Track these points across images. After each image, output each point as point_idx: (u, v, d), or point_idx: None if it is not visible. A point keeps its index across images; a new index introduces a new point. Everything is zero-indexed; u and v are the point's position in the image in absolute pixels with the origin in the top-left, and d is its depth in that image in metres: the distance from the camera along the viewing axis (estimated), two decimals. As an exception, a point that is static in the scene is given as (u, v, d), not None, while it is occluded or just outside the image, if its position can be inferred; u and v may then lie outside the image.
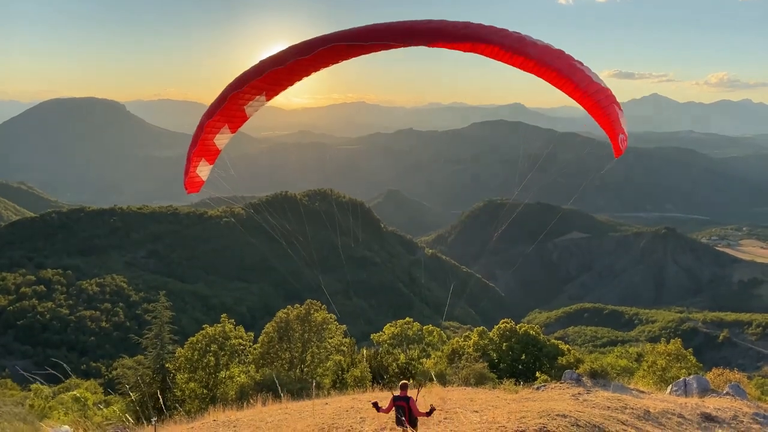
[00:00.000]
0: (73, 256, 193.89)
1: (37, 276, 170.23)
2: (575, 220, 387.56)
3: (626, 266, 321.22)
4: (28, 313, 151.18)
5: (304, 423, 14.26)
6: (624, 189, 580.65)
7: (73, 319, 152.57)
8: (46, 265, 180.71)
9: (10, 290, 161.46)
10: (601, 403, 16.49)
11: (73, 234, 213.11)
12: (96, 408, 30.88)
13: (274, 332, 36.60)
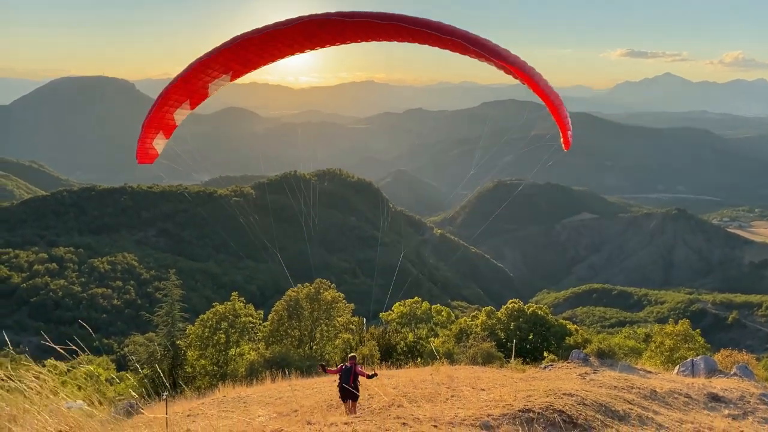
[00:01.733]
0: (84, 235, 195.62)
1: (50, 254, 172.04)
2: (585, 200, 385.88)
3: (636, 247, 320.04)
4: (41, 291, 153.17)
5: (313, 399, 14.44)
6: (635, 170, 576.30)
7: (85, 297, 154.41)
8: (58, 243, 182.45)
9: (23, 268, 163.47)
10: (608, 383, 16.57)
11: (84, 212, 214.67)
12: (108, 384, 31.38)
13: (283, 310, 36.92)
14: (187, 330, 33.58)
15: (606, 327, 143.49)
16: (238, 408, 14.85)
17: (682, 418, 14.26)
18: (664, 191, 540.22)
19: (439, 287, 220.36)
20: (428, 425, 10.71)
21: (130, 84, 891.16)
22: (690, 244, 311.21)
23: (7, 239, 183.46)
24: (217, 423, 12.32)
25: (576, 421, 12.57)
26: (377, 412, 12.50)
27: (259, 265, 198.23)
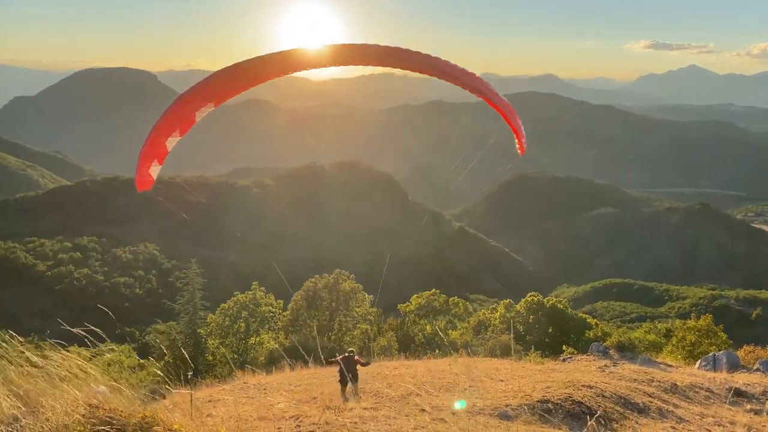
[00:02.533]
0: (107, 224, 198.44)
1: (74, 243, 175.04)
2: (607, 194, 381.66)
3: (658, 242, 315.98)
4: (65, 279, 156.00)
5: (332, 387, 14.55)
6: (658, 163, 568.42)
7: (108, 286, 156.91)
8: (82, 232, 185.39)
9: (48, 256, 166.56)
10: (628, 376, 16.47)
11: (107, 202, 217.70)
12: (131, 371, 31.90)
13: (302, 300, 37.21)
14: (207, 318, 34.01)
15: (626, 322, 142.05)
16: (258, 395, 15.04)
17: (703, 412, 14.14)
18: (687, 185, 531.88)
19: (458, 280, 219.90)
20: (447, 413, 10.77)
21: (152, 75, 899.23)
22: (713, 239, 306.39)
23: (33, 228, 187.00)
24: (238, 409, 12.50)
25: (595, 413, 12.53)
26: (396, 400, 12.58)
27: (278, 254, 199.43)
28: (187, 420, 4.70)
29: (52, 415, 4.32)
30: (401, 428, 9.22)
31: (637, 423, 12.57)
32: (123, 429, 4.21)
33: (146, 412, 4.46)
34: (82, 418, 4.25)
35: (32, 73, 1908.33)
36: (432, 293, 42.18)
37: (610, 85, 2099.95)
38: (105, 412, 4.31)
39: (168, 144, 9.35)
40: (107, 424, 4.22)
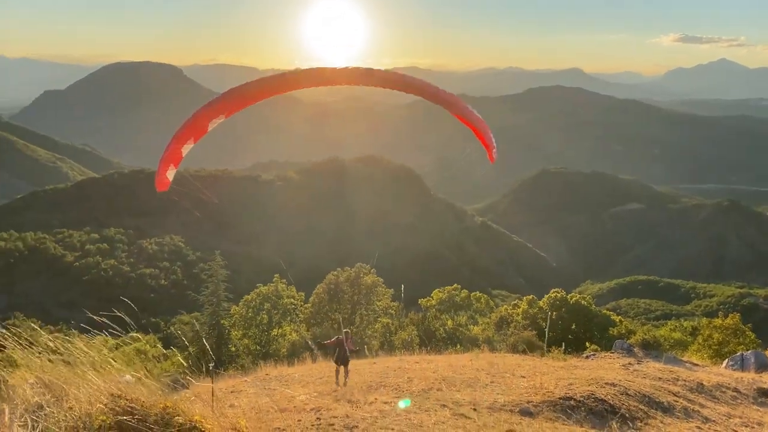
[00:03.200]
0: (133, 216, 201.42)
1: (101, 234, 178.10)
2: (633, 190, 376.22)
3: (684, 239, 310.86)
4: (93, 270, 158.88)
5: (353, 380, 14.59)
6: (686, 159, 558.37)
7: (134, 277, 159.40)
8: (109, 223, 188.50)
9: (76, 247, 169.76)
10: (652, 374, 16.23)
11: (134, 194, 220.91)
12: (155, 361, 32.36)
13: (324, 293, 37.38)
14: (231, 310, 34.36)
15: (651, 319, 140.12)
16: (280, 386, 15.14)
17: (730, 413, 13.88)
18: (716, 182, 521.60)
19: (480, 275, 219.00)
20: (468, 408, 10.71)
21: (178, 69, 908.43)
22: (742, 236, 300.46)
23: (62, 219, 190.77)
24: (260, 400, 12.60)
25: (618, 411, 12.37)
26: (417, 394, 12.56)
27: (301, 248, 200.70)
28: (208, 411, 4.72)
29: (75, 403, 4.38)
30: (422, 423, 9.20)
31: (662, 422, 12.38)
32: (144, 419, 4.25)
33: (167, 403, 4.49)
34: (105, 408, 4.30)
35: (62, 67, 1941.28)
36: (453, 288, 42.03)
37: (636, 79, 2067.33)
38: (127, 402, 4.36)
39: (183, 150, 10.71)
40: (129, 414, 4.26)
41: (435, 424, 9.14)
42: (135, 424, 4.23)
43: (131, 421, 4.23)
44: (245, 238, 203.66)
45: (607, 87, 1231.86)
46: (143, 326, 59.39)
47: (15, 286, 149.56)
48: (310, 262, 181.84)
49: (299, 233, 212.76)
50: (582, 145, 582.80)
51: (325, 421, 9.18)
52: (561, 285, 52.90)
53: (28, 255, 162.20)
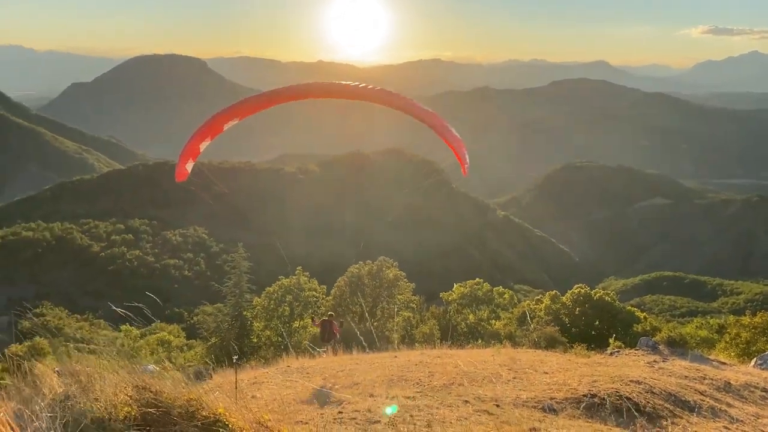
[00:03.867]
0: (158, 207, 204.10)
1: (126, 225, 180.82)
2: (659, 185, 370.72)
3: (712, 235, 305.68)
4: (118, 260, 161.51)
5: (374, 373, 14.59)
6: (714, 154, 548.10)
7: (158, 267, 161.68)
8: (133, 214, 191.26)
9: (102, 237, 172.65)
10: (678, 372, 15.96)
11: (158, 186, 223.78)
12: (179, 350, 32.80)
13: (346, 286, 37.46)
14: (253, 301, 34.64)
15: (676, 316, 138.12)
16: (301, 378, 15.21)
17: (759, 413, 13.59)
18: (745, 176, 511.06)
19: (502, 270, 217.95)
20: (490, 404, 10.64)
21: (202, 62, 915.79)
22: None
23: (88, 210, 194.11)
24: (282, 391, 12.66)
25: (643, 410, 12.19)
26: (438, 389, 12.51)
27: (322, 240, 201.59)
28: (231, 404, 4.74)
29: (101, 394, 4.43)
30: (444, 419, 9.15)
31: (688, 422, 12.17)
32: (169, 411, 4.27)
33: (192, 395, 4.51)
34: (130, 399, 4.34)
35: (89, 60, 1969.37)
36: (475, 282, 41.82)
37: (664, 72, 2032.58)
38: (151, 394, 4.38)
39: (201, 147, 12.24)
40: (153, 406, 4.29)
41: (458, 420, 9.08)
42: (160, 416, 4.25)
43: (156, 413, 4.26)
44: (268, 230, 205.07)
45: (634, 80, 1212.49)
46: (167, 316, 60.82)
47: (43, 276, 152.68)
48: (332, 254, 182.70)
49: (321, 226, 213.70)
50: (607, 139, 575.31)
51: (347, 415, 9.18)
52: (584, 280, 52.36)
53: (56, 245, 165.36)
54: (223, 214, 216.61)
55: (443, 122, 13.43)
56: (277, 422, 4.90)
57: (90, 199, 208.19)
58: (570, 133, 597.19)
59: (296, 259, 61.66)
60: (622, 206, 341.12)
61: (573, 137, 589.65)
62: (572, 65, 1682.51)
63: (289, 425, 4.98)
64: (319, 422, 8.22)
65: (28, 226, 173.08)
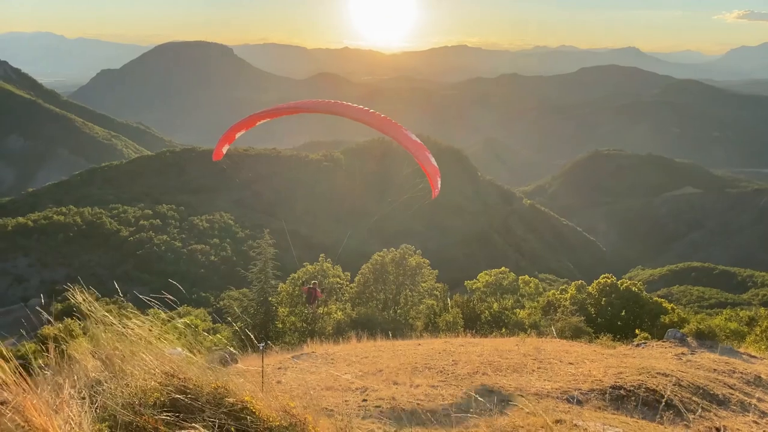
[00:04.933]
0: (185, 193, 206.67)
1: (154, 210, 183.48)
2: (689, 173, 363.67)
3: (743, 225, 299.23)
4: (146, 244, 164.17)
5: (398, 361, 14.63)
6: (748, 142, 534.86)
7: (185, 252, 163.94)
8: (161, 200, 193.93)
9: (131, 222, 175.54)
10: (707, 365, 15.72)
11: (185, 172, 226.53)
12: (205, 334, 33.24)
13: (369, 273, 37.57)
14: (278, 287, 34.94)
15: (704, 307, 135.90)
16: (325, 364, 15.33)
17: (790, 408, 13.33)
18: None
19: (527, 258, 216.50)
20: (514, 394, 10.60)
21: (228, 49, 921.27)
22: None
23: (117, 195, 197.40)
24: (306, 377, 12.79)
25: (671, 403, 12.04)
26: (462, 378, 12.50)
27: (347, 227, 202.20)
28: (257, 391, 4.78)
29: (131, 379, 4.51)
30: (468, 408, 9.15)
31: (716, 415, 12.00)
32: (197, 398, 4.33)
33: (219, 383, 4.56)
34: (159, 385, 4.41)
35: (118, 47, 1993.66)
36: (500, 271, 41.61)
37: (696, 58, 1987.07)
38: (180, 380, 4.45)
39: (236, 135, 14.37)
40: (182, 392, 4.35)
41: (482, 411, 9.07)
42: (188, 403, 4.31)
43: (185, 399, 4.32)
44: (292, 217, 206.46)
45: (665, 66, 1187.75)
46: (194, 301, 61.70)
47: (73, 259, 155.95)
48: (356, 242, 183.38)
49: (345, 213, 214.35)
50: (637, 126, 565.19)
51: (371, 403, 9.23)
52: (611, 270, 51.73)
53: (86, 229, 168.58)
54: (248, 201, 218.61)
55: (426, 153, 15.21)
56: (302, 409, 4.94)
57: (119, 184, 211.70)
58: (598, 121, 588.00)
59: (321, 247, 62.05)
60: (650, 195, 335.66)
61: (601, 125, 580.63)
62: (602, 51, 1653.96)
63: (314, 412, 5.01)
64: (343, 409, 8.29)
65: (60, 210, 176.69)
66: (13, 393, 4.25)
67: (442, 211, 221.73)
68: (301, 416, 4.72)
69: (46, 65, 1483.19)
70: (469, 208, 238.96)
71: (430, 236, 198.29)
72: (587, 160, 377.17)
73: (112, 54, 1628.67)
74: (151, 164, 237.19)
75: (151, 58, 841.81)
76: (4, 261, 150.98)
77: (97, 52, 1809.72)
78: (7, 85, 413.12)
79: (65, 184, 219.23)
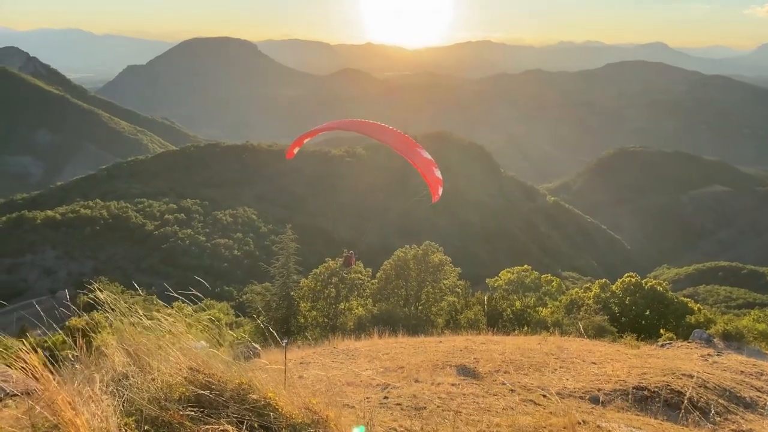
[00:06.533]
0: (209, 188, 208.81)
1: (178, 204, 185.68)
2: (717, 171, 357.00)
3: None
4: (171, 238, 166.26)
5: (419, 358, 14.63)
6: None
7: (209, 246, 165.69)
8: (185, 194, 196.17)
9: (156, 216, 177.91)
10: (734, 367, 15.45)
11: (209, 167, 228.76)
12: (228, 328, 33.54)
13: (391, 270, 37.58)
14: (300, 282, 35.17)
15: (732, 308, 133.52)
16: (346, 360, 15.39)
17: (820, 412, 13.04)
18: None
19: (550, 256, 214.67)
20: (536, 394, 10.53)
21: (252, 45, 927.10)
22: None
23: (142, 189, 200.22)
24: (328, 372, 12.85)
25: (696, 404, 11.86)
26: (483, 376, 12.46)
27: (369, 223, 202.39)
28: (280, 387, 4.82)
29: (157, 375, 4.57)
30: (490, 407, 9.11)
31: (743, 419, 11.78)
32: (221, 393, 4.39)
33: (243, 379, 4.61)
34: (184, 380, 4.47)
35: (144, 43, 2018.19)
36: (523, 269, 41.35)
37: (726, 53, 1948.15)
38: (204, 376, 4.50)
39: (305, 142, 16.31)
40: (206, 388, 4.41)
41: (504, 410, 9.03)
42: (213, 398, 4.37)
43: (209, 395, 4.37)
44: (316, 213, 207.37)
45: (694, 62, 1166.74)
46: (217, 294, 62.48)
47: (100, 252, 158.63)
48: (379, 237, 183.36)
49: (367, 209, 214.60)
50: (664, 123, 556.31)
51: (393, 400, 9.24)
52: (636, 269, 51.09)
53: (112, 223, 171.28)
54: (271, 196, 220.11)
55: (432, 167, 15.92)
56: (324, 405, 4.97)
57: (144, 178, 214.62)
58: (624, 117, 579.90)
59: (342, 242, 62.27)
60: (677, 193, 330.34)
61: (628, 121, 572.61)
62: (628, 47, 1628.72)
63: (335, 409, 5.04)
64: (365, 406, 8.31)
65: (87, 204, 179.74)
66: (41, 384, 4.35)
67: (465, 207, 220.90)
68: (323, 413, 4.75)
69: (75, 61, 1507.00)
70: (491, 204, 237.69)
71: (452, 232, 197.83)
72: (613, 156, 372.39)
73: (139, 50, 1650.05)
74: (176, 159, 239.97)
75: (176, 54, 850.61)
76: (33, 253, 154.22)
77: (124, 48, 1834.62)
78: (37, 81, 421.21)
79: (92, 178, 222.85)
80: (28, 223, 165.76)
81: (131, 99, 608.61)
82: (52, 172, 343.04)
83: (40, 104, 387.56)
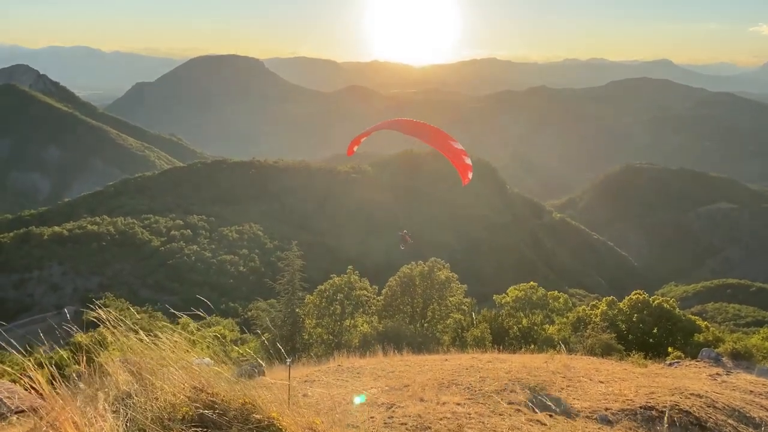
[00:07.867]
0: (216, 204, 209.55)
1: (185, 221, 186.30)
2: (723, 188, 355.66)
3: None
4: (177, 254, 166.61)
5: (425, 376, 14.52)
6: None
7: (215, 262, 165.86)
8: (192, 210, 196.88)
9: (162, 232, 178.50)
10: (743, 387, 15.28)
11: (216, 183, 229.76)
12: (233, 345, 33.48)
13: (397, 286, 37.47)
14: (305, 299, 35.09)
15: (740, 326, 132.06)
16: (351, 378, 15.30)
17: (831, 433, 12.85)
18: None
19: (557, 273, 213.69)
20: (543, 414, 10.43)
21: (260, 62, 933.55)
22: None
23: (149, 205, 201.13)
24: (332, 391, 12.77)
25: (704, 425, 11.72)
26: (489, 395, 12.36)
27: (374, 240, 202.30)
28: (284, 406, 4.80)
29: (160, 394, 4.56)
30: (496, 428, 9.03)
31: (753, 439, 11.63)
32: (224, 413, 4.36)
33: (246, 399, 4.59)
34: (188, 400, 4.45)
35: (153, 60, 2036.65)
36: (530, 286, 41.14)
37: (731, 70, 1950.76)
38: (208, 395, 4.49)
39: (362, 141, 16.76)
40: (210, 408, 4.39)
41: (510, 430, 8.94)
42: (216, 418, 4.34)
43: (212, 414, 4.35)
44: (321, 229, 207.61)
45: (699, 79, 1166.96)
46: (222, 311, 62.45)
47: (106, 268, 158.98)
48: (384, 254, 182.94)
49: (373, 225, 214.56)
50: (670, 140, 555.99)
51: (398, 420, 9.17)
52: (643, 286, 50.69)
53: (119, 239, 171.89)
54: (277, 213, 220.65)
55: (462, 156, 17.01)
56: (328, 425, 4.94)
57: (151, 195, 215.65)
58: (630, 134, 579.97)
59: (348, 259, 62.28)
60: (683, 210, 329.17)
61: (633, 138, 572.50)
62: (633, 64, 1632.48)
63: (339, 428, 5.00)
64: (369, 426, 8.25)
65: (93, 220, 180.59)
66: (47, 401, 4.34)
67: (471, 223, 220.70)
68: (327, 433, 4.72)
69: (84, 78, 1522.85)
70: (497, 220, 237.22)
71: (458, 248, 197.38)
72: (619, 173, 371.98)
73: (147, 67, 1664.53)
74: (183, 175, 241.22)
75: (184, 71, 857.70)
76: (40, 269, 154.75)
77: (133, 66, 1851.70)
78: (47, 98, 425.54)
79: (99, 195, 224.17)
80: (36, 239, 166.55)
81: (139, 116, 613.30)
82: (61, 188, 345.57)
83: (50, 121, 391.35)
